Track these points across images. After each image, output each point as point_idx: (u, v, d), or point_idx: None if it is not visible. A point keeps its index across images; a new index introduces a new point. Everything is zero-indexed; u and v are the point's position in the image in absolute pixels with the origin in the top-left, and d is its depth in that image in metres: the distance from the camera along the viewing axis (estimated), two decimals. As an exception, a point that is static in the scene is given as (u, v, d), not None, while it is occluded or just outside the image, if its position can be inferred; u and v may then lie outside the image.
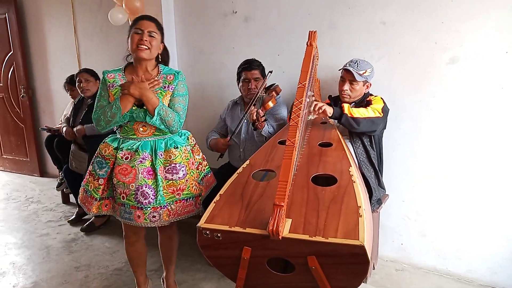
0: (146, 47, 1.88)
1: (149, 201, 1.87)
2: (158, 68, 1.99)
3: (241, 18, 3.01)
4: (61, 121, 3.67)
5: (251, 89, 2.56)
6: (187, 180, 1.98)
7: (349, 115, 2.04)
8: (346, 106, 2.08)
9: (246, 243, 1.34)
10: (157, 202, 1.89)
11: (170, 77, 1.97)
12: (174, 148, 1.94)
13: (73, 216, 3.42)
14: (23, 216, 3.53)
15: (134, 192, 1.87)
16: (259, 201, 1.46)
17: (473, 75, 2.23)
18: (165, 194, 1.91)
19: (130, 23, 3.15)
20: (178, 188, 1.95)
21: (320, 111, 2.04)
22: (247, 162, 1.80)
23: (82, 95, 3.26)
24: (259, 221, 1.34)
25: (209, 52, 3.24)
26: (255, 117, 2.31)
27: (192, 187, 2.01)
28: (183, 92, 1.99)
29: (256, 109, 2.33)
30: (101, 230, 3.21)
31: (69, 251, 2.90)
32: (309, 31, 1.88)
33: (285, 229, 1.27)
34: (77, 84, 3.22)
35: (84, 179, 2.01)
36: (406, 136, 2.48)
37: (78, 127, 3.18)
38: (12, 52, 4.56)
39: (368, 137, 2.25)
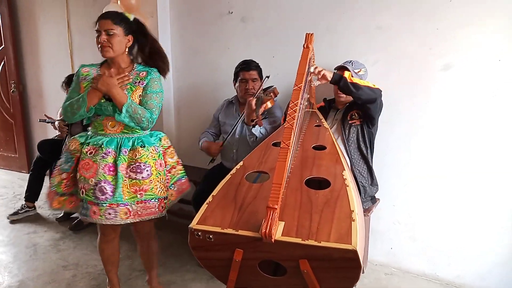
0: (107, 46, 1.88)
1: (106, 197, 1.84)
2: (133, 65, 2.00)
3: (237, 18, 3.00)
4: (60, 115, 3.61)
5: (249, 89, 2.55)
6: (151, 180, 1.93)
7: (348, 80, 2.02)
8: (347, 73, 2.07)
9: (238, 245, 1.33)
10: (114, 199, 1.85)
11: (143, 74, 1.98)
12: (141, 147, 1.92)
13: (61, 214, 3.38)
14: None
15: (92, 187, 1.85)
16: (252, 203, 1.45)
17: (466, 81, 2.26)
18: (127, 193, 1.88)
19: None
20: (141, 188, 1.91)
21: (320, 75, 2.03)
22: (241, 163, 1.78)
23: None
24: (252, 223, 1.33)
25: (204, 52, 3.22)
26: (254, 106, 2.30)
27: (157, 189, 1.96)
28: (157, 89, 1.98)
29: (255, 99, 2.32)
30: (89, 228, 3.17)
31: (57, 249, 2.86)
32: (306, 33, 1.88)
33: (278, 232, 1.26)
34: None
35: (52, 174, 2.00)
36: (399, 140, 2.50)
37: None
38: (3, 46, 4.49)
39: (361, 132, 2.24)
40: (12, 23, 4.38)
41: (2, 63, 4.56)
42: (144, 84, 1.95)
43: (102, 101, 1.88)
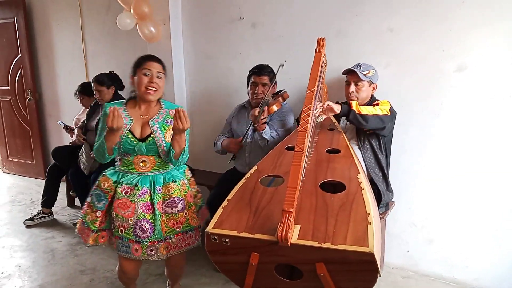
0: (155, 89, 1.89)
1: (147, 235, 1.89)
2: (160, 104, 2.00)
3: (249, 24, 3.02)
4: (75, 124, 3.68)
5: (258, 94, 2.57)
6: (185, 213, 1.99)
7: (357, 112, 2.04)
8: (354, 103, 2.07)
9: (254, 249, 1.34)
10: (155, 236, 1.90)
11: (172, 112, 1.95)
12: (173, 182, 1.97)
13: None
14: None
15: (132, 226, 1.89)
16: (267, 207, 1.46)
17: (480, 83, 2.23)
18: (164, 228, 1.93)
19: (138, 28, 3.22)
20: (178, 221, 1.96)
21: (325, 107, 2.04)
22: (255, 167, 1.80)
23: (99, 102, 3.27)
24: (267, 227, 1.34)
25: (216, 57, 3.25)
26: (256, 113, 2.31)
27: (191, 219, 2.01)
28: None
29: (258, 109, 2.34)
30: (106, 233, 3.22)
31: (74, 254, 2.90)
32: (318, 38, 1.89)
33: (294, 236, 1.27)
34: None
35: (83, 210, 2.02)
36: (414, 142, 2.48)
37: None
38: (19, 55, 4.59)
39: (377, 140, 2.25)
40: (28, 33, 4.48)
41: (19, 72, 4.66)
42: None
43: (134, 142, 1.88)
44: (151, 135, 1.89)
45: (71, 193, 3.79)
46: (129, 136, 1.87)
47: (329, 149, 1.93)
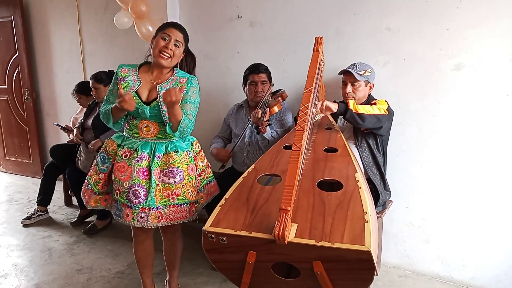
0: (168, 56, 1.88)
1: (139, 201, 1.88)
2: (173, 71, 1.98)
3: (247, 23, 3.02)
4: (73, 123, 3.67)
5: (258, 92, 2.57)
6: (183, 185, 1.96)
7: (354, 111, 2.04)
8: (351, 102, 2.07)
9: (252, 247, 1.34)
10: (147, 203, 1.88)
11: (183, 80, 1.95)
12: (174, 152, 1.94)
13: (76, 219, 3.42)
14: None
15: (126, 190, 1.89)
16: (264, 205, 1.46)
17: (478, 82, 2.24)
18: (159, 197, 1.91)
19: (135, 27, 3.21)
20: (174, 192, 1.94)
21: (322, 107, 2.03)
22: (252, 166, 1.80)
23: (96, 100, 3.27)
24: (264, 225, 1.34)
25: (214, 57, 3.25)
26: (259, 116, 2.31)
27: (188, 193, 1.98)
28: (195, 99, 1.98)
29: (260, 111, 2.34)
30: (103, 232, 3.21)
31: (71, 253, 2.90)
32: (316, 37, 1.89)
33: (291, 234, 1.27)
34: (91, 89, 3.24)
35: (89, 173, 2.06)
36: (411, 142, 2.48)
37: (94, 141, 3.16)
38: (17, 54, 4.58)
39: (374, 139, 2.25)
40: (25, 32, 4.46)
41: (16, 71, 4.64)
42: (184, 91, 1.93)
43: (139, 104, 1.87)
44: (157, 99, 1.89)
45: (69, 192, 3.78)
46: (134, 98, 1.86)
47: (327, 148, 1.93)
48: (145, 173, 1.89)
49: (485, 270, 2.37)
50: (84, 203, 2.04)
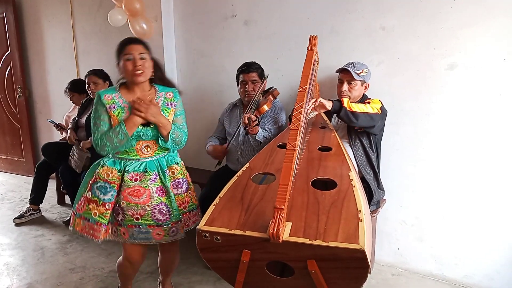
0: (141, 71, 1.84)
1: (166, 217, 1.92)
2: (155, 88, 1.97)
3: (241, 21, 3.01)
4: (65, 121, 3.64)
5: (249, 91, 2.57)
6: (189, 192, 2.05)
7: (348, 109, 2.04)
8: (345, 100, 2.08)
9: (246, 246, 1.33)
10: (174, 217, 1.94)
11: (170, 95, 1.98)
12: (175, 164, 2.00)
13: (68, 217, 3.39)
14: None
15: (150, 212, 1.89)
16: (259, 204, 1.46)
17: (471, 81, 2.25)
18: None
19: (129, 25, 3.19)
20: (184, 201, 2.01)
21: (316, 104, 2.03)
22: (247, 165, 1.80)
23: (91, 96, 3.25)
24: (259, 224, 1.34)
25: (209, 55, 3.24)
26: (246, 121, 2.31)
27: (194, 198, 2.08)
28: (182, 109, 2.04)
29: (248, 115, 2.33)
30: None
31: (64, 252, 2.88)
32: (310, 35, 1.89)
33: (285, 233, 1.26)
34: (86, 86, 3.21)
35: (81, 208, 1.92)
36: (405, 140, 2.49)
37: (84, 142, 3.15)
38: (9, 51, 4.54)
39: (367, 138, 2.25)
40: (18, 29, 4.42)
41: (8, 68, 4.60)
42: (175, 105, 1.96)
43: (139, 127, 1.84)
44: None
45: (61, 189, 3.75)
46: None
47: (321, 147, 1.93)
48: (163, 191, 1.93)
49: (478, 268, 2.39)
50: (94, 239, 1.89)
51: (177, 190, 1.98)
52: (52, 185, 3.79)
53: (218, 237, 1.34)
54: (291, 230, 1.28)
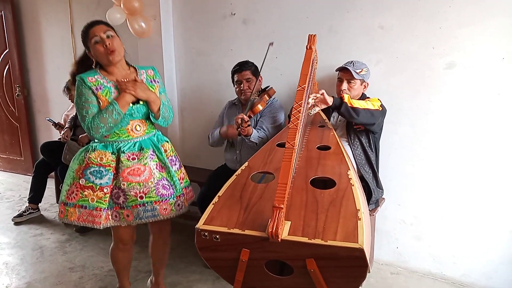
0: (114, 49, 1.80)
1: (171, 192, 1.95)
2: (134, 67, 1.98)
3: (240, 20, 3.01)
4: (64, 120, 3.64)
5: (244, 90, 2.57)
6: (182, 169, 2.10)
7: (349, 104, 2.03)
8: (346, 96, 2.07)
9: (245, 245, 1.34)
10: (177, 191, 1.98)
11: (151, 72, 2.00)
12: (166, 142, 2.03)
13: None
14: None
15: (154, 188, 1.90)
16: (258, 203, 1.46)
17: (470, 80, 2.25)
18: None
19: (128, 23, 3.19)
20: (180, 177, 2.05)
21: (318, 95, 2.01)
22: (246, 164, 1.80)
23: None
24: (258, 223, 1.34)
25: (207, 54, 3.23)
26: (239, 121, 2.30)
27: (187, 175, 2.14)
28: (164, 87, 2.05)
29: (241, 115, 2.31)
30: (95, 230, 3.18)
31: (63, 251, 2.88)
32: (309, 34, 1.89)
33: (284, 232, 1.27)
34: None
35: (73, 197, 1.87)
36: (404, 140, 2.50)
37: (82, 135, 3.17)
38: (7, 50, 4.52)
39: (366, 137, 2.25)
40: (16, 27, 4.41)
41: (7, 67, 4.59)
42: (158, 82, 1.99)
43: (132, 106, 1.84)
44: None
45: (60, 187, 3.74)
46: None
47: (320, 145, 1.93)
48: (162, 166, 1.96)
49: (476, 267, 2.40)
50: (95, 227, 1.88)
51: (172, 167, 2.00)
52: (51, 184, 3.78)
53: (217, 236, 1.34)
54: (290, 229, 1.29)
